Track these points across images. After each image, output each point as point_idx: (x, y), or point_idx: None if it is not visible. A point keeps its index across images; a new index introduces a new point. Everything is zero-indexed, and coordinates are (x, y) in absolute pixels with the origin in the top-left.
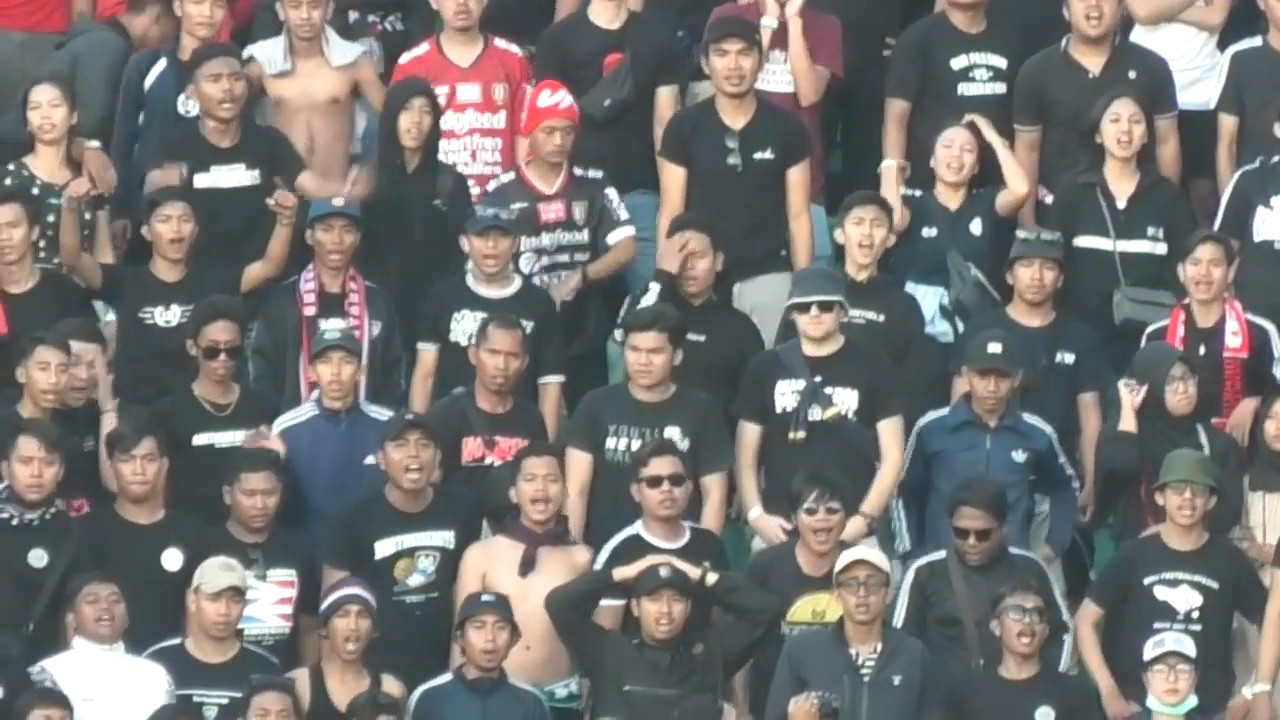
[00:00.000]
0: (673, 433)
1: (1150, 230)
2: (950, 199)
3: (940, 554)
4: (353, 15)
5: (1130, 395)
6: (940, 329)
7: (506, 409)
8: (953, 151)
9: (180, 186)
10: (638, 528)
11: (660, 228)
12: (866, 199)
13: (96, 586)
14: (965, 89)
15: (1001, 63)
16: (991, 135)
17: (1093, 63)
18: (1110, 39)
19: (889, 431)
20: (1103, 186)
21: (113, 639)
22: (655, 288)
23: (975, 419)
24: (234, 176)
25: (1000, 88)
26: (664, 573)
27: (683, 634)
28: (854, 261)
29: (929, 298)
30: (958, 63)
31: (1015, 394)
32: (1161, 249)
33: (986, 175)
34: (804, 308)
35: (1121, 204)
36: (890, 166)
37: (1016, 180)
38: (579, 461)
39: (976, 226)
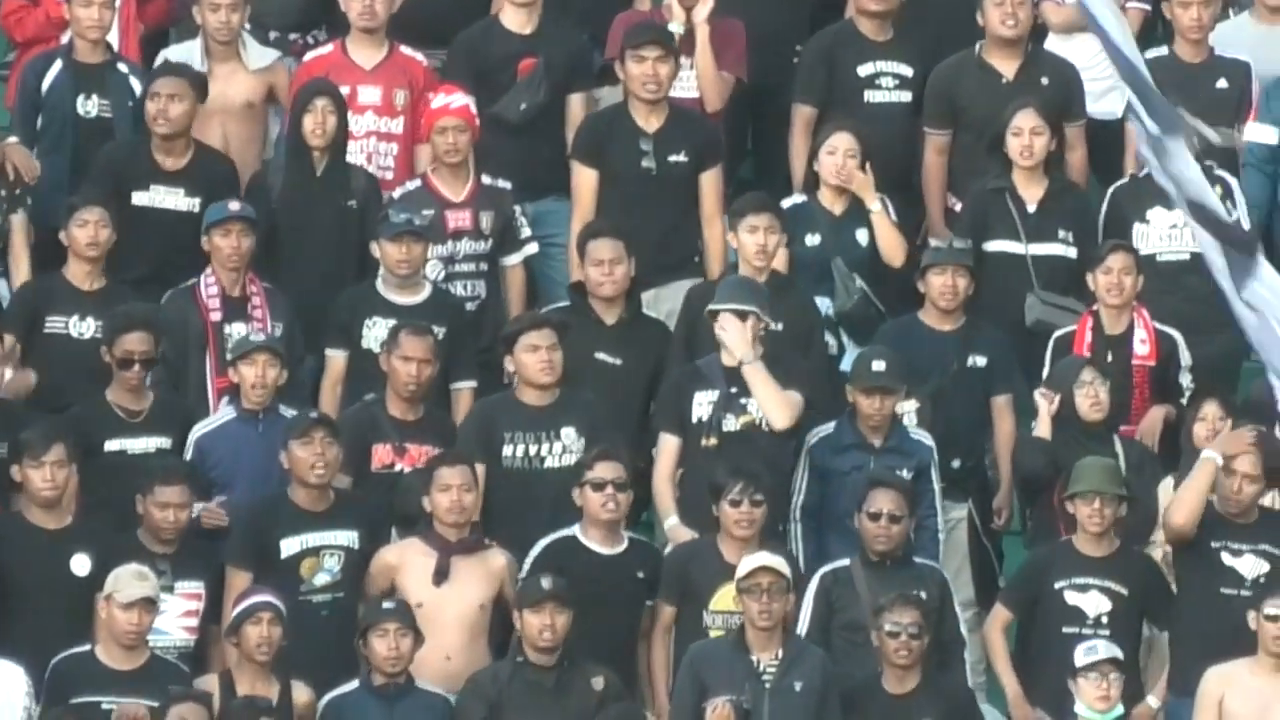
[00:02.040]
0: (568, 433)
1: (1061, 233)
2: (834, 204)
3: (844, 561)
4: (273, 34)
5: (1047, 403)
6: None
7: (417, 416)
8: (836, 158)
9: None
10: (574, 530)
11: (572, 231)
12: (760, 205)
13: None
14: (871, 96)
15: (908, 71)
16: (855, 172)
17: (1006, 67)
18: (1023, 45)
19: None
20: (1011, 192)
21: None
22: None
23: (860, 440)
24: (171, 199)
25: (906, 96)
26: (545, 583)
27: (565, 651)
28: (748, 268)
29: None
30: (864, 70)
31: (928, 409)
32: (1072, 252)
33: (877, 181)
34: (714, 315)
35: (1031, 208)
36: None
37: (892, 253)
38: (476, 472)
39: (862, 235)
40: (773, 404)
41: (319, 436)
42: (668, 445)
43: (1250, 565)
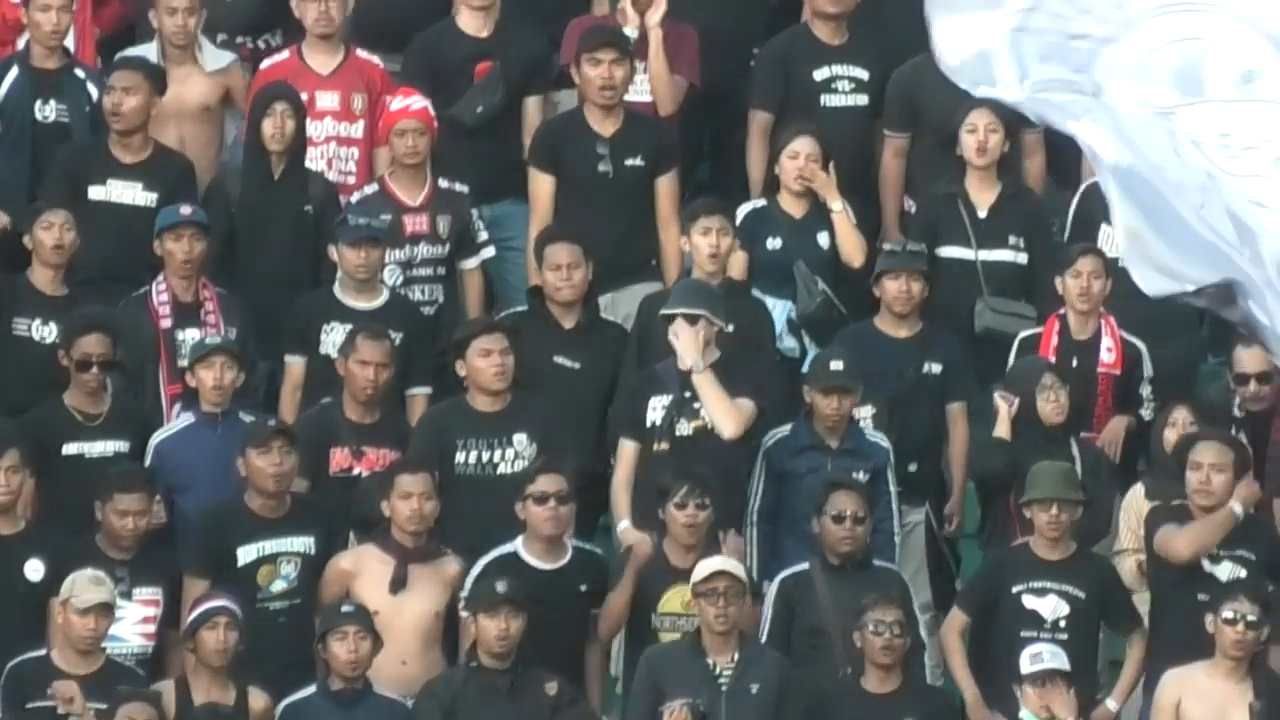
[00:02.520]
0: (520, 439)
1: (1012, 239)
2: (794, 208)
3: (803, 565)
4: (220, 37)
5: (1006, 405)
6: (787, 344)
7: (375, 420)
8: (799, 162)
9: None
10: (516, 545)
11: (530, 235)
12: (712, 208)
13: None
14: (828, 100)
15: (864, 74)
16: (817, 174)
17: None
18: None
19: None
20: (963, 197)
21: None
22: None
23: (817, 441)
24: (129, 194)
25: (863, 99)
26: (500, 587)
27: (521, 655)
28: (702, 271)
29: (776, 311)
30: (820, 74)
31: (884, 414)
32: (1023, 258)
33: (863, 181)
34: (668, 319)
35: (982, 213)
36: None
37: (853, 253)
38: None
39: (823, 239)
40: (721, 413)
41: (277, 445)
42: (626, 451)
43: (1227, 571)
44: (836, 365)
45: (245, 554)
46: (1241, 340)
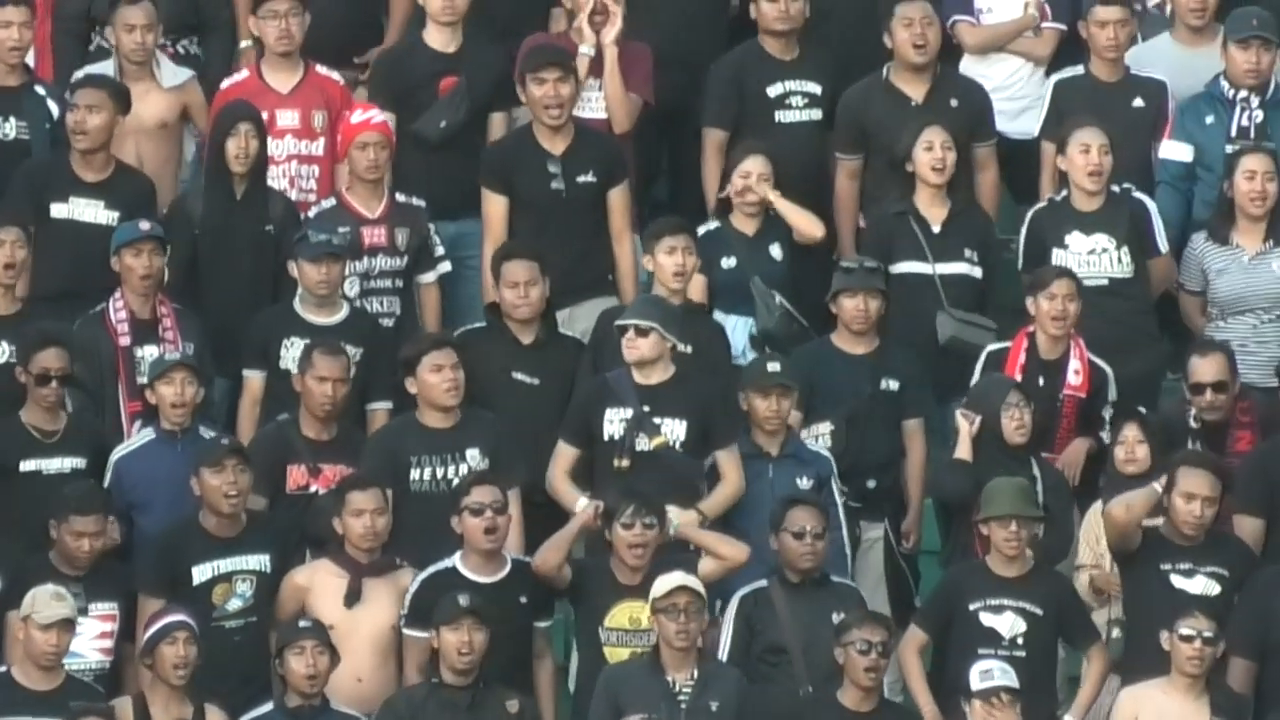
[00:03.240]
0: (473, 454)
1: (966, 253)
2: (747, 225)
3: (763, 582)
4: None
5: (967, 424)
6: (751, 360)
7: (331, 435)
8: (749, 182)
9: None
10: (454, 560)
11: (485, 255)
12: (676, 227)
13: None
14: (782, 116)
15: (816, 89)
16: (768, 192)
17: (915, 91)
18: (932, 67)
19: (727, 460)
20: (914, 213)
21: None
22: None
23: (756, 450)
24: (90, 212)
25: (816, 114)
26: (463, 600)
27: (481, 671)
28: (666, 289)
29: (738, 329)
30: (773, 90)
31: (841, 431)
32: (977, 272)
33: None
34: (622, 330)
35: (936, 228)
36: None
37: (808, 229)
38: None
39: (776, 251)
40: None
41: (231, 464)
42: (564, 451)
43: (1200, 586)
44: (774, 366)
45: (200, 573)
46: (1197, 350)
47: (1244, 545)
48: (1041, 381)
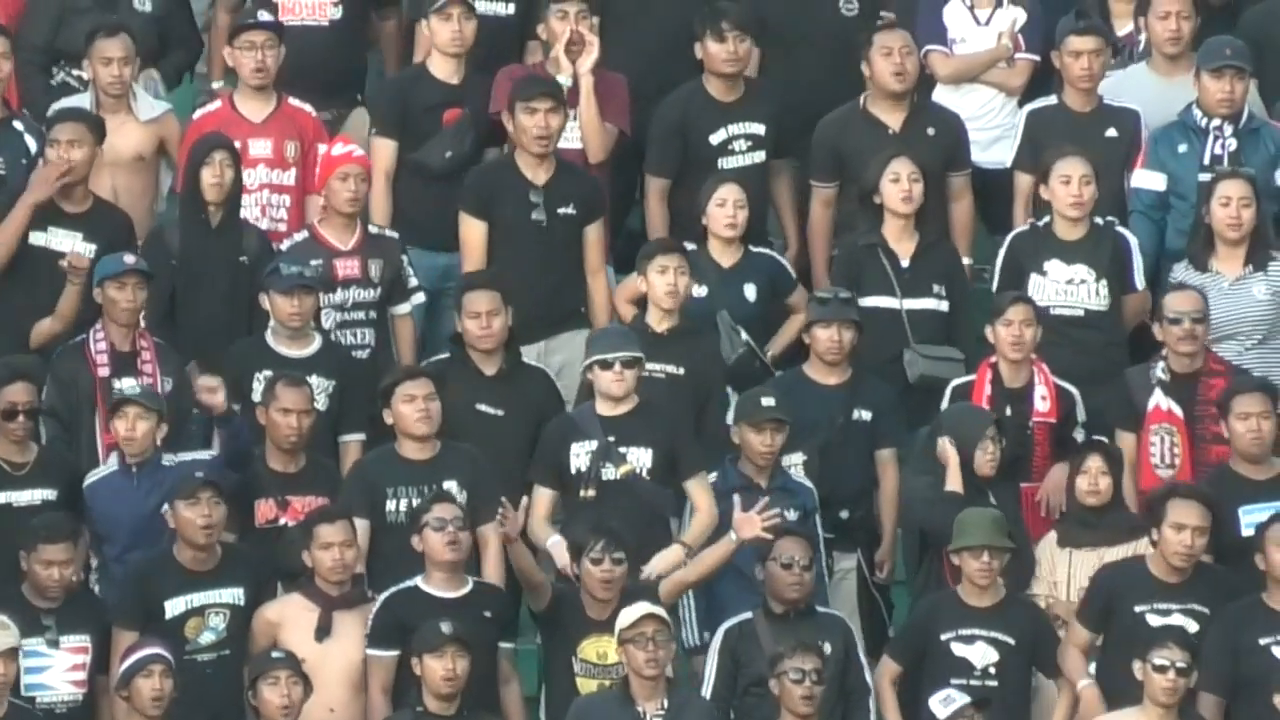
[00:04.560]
0: (450, 486)
1: (935, 288)
2: (724, 256)
3: (747, 615)
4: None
5: (955, 455)
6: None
7: (299, 467)
8: (726, 210)
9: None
10: (415, 580)
11: None
12: (668, 247)
13: None
14: (725, 162)
15: (760, 130)
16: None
17: (892, 119)
18: (909, 96)
19: (697, 489)
20: (884, 246)
21: None
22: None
23: (747, 481)
24: (69, 243)
25: (759, 156)
26: (445, 628)
27: (466, 699)
28: (659, 310)
29: None
30: (716, 137)
31: (814, 461)
32: (944, 306)
33: (759, 233)
34: (607, 364)
35: (905, 262)
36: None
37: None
38: (360, 529)
39: (750, 292)
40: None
41: (205, 497)
42: (540, 495)
43: (1178, 624)
44: (768, 401)
45: (173, 606)
46: (1173, 289)
47: (1227, 580)
48: (1009, 410)
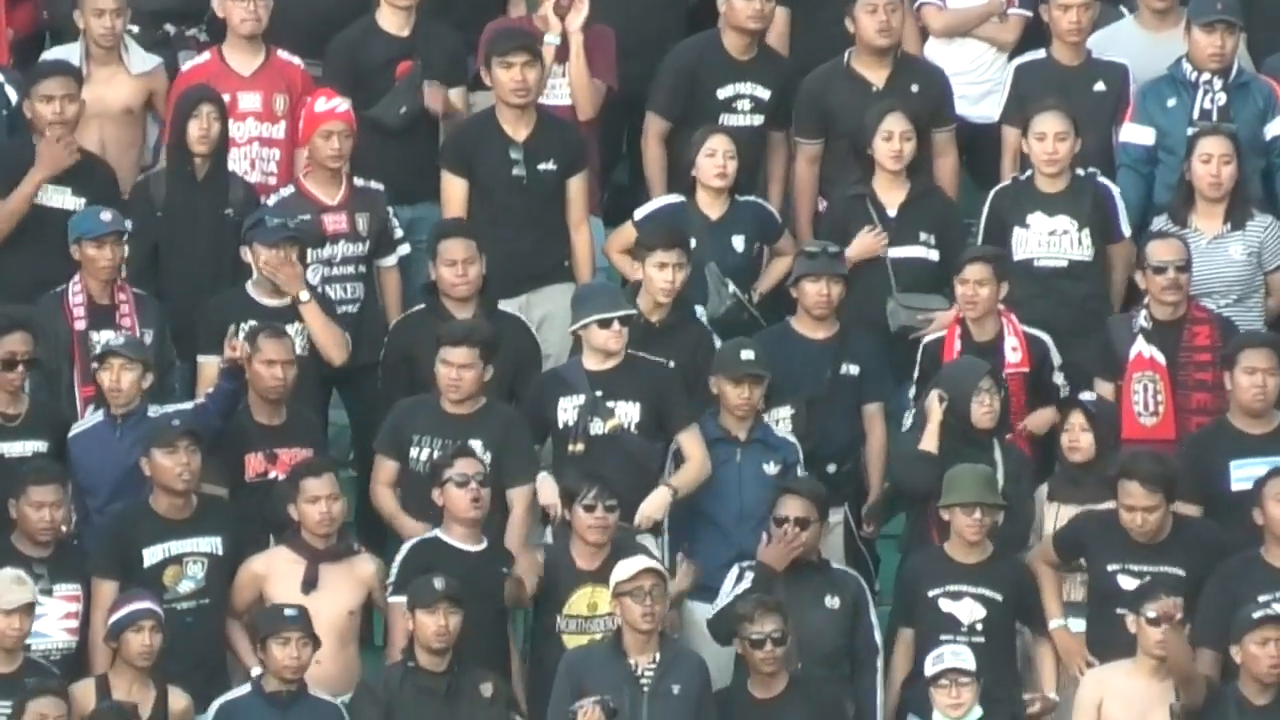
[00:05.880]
0: (475, 445)
1: (923, 236)
2: (712, 207)
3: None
4: (170, 28)
5: (940, 407)
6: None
7: (283, 419)
8: (716, 160)
9: None
10: (436, 531)
11: None
12: (670, 241)
13: None
14: (727, 119)
15: (765, 94)
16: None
17: (876, 76)
18: (893, 53)
19: (689, 439)
20: (872, 197)
21: None
22: None
23: (724, 434)
24: (59, 199)
25: (759, 119)
26: (438, 584)
27: (456, 655)
28: (653, 303)
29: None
30: (724, 93)
31: (802, 416)
32: (934, 255)
33: (748, 184)
34: (607, 323)
35: (892, 212)
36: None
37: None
38: (387, 468)
39: (739, 243)
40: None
41: (183, 445)
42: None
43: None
44: (747, 355)
45: (151, 555)
46: (1155, 237)
47: (1207, 538)
48: None
